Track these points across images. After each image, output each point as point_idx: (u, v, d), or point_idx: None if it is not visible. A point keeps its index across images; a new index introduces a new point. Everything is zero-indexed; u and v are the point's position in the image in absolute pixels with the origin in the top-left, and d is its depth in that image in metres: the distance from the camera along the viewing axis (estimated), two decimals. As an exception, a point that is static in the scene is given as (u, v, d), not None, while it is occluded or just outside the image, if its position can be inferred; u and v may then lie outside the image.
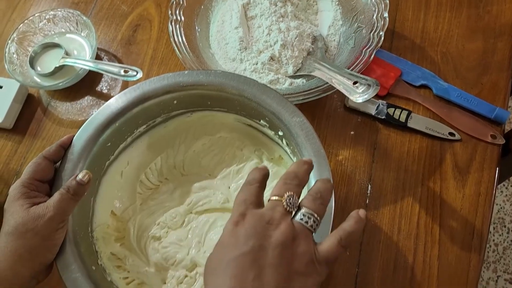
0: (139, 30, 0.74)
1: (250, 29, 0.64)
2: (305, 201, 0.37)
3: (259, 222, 0.35)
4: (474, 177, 0.60)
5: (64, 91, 0.70)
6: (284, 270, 0.33)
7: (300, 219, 0.36)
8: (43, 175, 0.48)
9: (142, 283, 0.54)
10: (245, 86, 0.52)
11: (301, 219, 0.36)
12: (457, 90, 0.64)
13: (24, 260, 0.43)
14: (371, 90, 0.49)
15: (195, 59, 0.60)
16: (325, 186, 0.38)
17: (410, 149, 0.62)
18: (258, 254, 0.33)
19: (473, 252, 0.56)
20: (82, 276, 0.46)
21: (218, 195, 0.57)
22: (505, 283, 1.27)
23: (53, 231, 0.44)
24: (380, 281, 0.56)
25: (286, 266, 0.33)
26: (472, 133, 0.61)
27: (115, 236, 0.56)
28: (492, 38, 0.67)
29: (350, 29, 0.63)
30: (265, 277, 0.32)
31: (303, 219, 0.36)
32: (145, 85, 0.54)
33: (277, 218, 0.35)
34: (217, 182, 0.58)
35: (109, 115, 0.52)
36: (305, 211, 0.36)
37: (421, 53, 0.67)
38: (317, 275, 0.35)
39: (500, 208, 1.36)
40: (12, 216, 0.43)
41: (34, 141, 0.68)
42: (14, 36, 0.69)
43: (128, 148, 0.57)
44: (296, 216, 0.36)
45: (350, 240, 0.36)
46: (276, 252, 0.33)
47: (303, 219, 0.36)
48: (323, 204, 0.37)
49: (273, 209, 0.36)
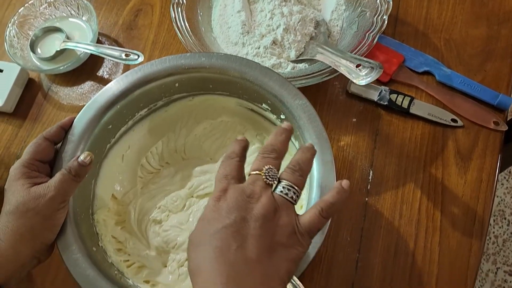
0: (141, 15, 0.73)
1: (253, 13, 0.64)
2: (284, 174, 0.38)
3: (240, 196, 0.35)
4: (476, 163, 0.59)
5: (65, 76, 0.70)
6: (267, 241, 0.34)
7: (280, 192, 0.36)
8: (44, 155, 0.48)
9: (143, 266, 0.54)
10: (247, 68, 0.51)
11: (281, 192, 0.36)
12: (460, 77, 0.63)
13: (25, 240, 0.43)
14: (374, 73, 0.49)
15: (197, 43, 0.59)
16: (304, 156, 0.39)
17: (412, 135, 0.62)
18: (240, 226, 0.34)
19: (474, 238, 0.56)
20: (82, 257, 0.46)
21: (219, 179, 0.57)
22: (505, 275, 1.27)
23: (54, 211, 0.44)
24: (381, 266, 0.55)
25: (269, 237, 0.34)
26: (474, 119, 0.61)
27: (115, 219, 0.56)
28: (496, 24, 0.67)
29: (353, 14, 0.62)
30: (247, 247, 0.33)
31: (283, 191, 0.36)
32: (146, 67, 0.53)
33: (257, 192, 0.36)
34: (218, 166, 0.58)
35: (111, 97, 0.52)
36: (285, 183, 0.37)
37: (424, 39, 0.67)
38: (300, 246, 0.35)
39: (500, 201, 1.36)
40: (13, 196, 0.43)
41: (34, 125, 0.68)
42: (15, 19, 0.69)
43: (129, 131, 0.57)
44: (276, 189, 0.37)
45: (331, 210, 0.36)
46: (258, 223, 0.34)
47: (283, 191, 0.36)
48: (302, 176, 0.38)
49: (253, 183, 0.36)
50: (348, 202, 0.58)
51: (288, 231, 0.35)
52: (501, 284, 1.27)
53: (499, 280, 1.27)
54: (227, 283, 0.32)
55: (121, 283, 0.47)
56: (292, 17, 0.62)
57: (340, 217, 0.58)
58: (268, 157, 0.38)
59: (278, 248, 0.34)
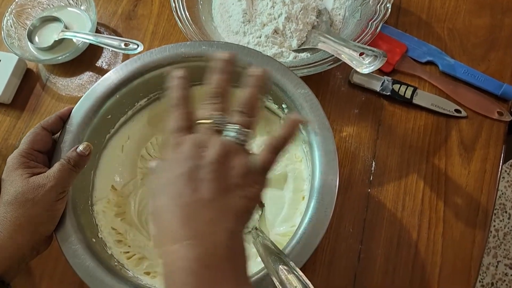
0: (140, 4, 0.72)
1: (254, 2, 0.63)
2: (233, 118, 0.37)
3: (191, 146, 0.35)
4: (479, 154, 0.59)
5: (63, 66, 0.69)
6: (221, 184, 0.34)
7: (230, 136, 0.36)
8: (42, 145, 0.47)
9: (143, 257, 0.53)
10: (249, 57, 0.51)
11: (230, 136, 0.36)
12: (463, 67, 0.63)
13: (24, 230, 0.42)
14: (378, 61, 0.48)
15: (198, 32, 0.58)
16: (251, 94, 0.38)
17: (415, 125, 0.61)
18: (194, 173, 0.34)
19: (477, 229, 0.56)
20: (81, 248, 0.45)
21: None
22: (505, 268, 1.27)
23: (53, 201, 0.43)
24: (383, 257, 0.55)
25: (222, 179, 0.34)
26: (478, 109, 0.60)
27: (115, 210, 0.55)
28: (499, 13, 0.66)
29: (356, 2, 0.61)
30: (202, 190, 0.33)
31: (232, 135, 0.36)
32: (146, 56, 0.52)
33: (207, 140, 0.36)
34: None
35: (110, 86, 0.51)
36: (233, 127, 0.37)
37: (428, 29, 0.66)
38: (256, 184, 0.35)
39: (501, 194, 1.36)
40: (11, 186, 0.43)
41: (32, 117, 0.67)
42: (12, 9, 0.68)
43: (129, 122, 0.56)
44: (225, 133, 0.37)
45: (281, 144, 0.37)
46: (210, 168, 0.34)
47: (232, 135, 0.36)
48: (250, 116, 0.37)
49: (203, 132, 0.36)
50: (350, 193, 0.58)
51: (242, 172, 0.35)
52: (501, 278, 1.26)
53: (500, 274, 1.27)
54: (184, 224, 0.32)
55: (121, 274, 0.47)
56: (294, 5, 0.61)
57: (342, 208, 0.57)
58: (214, 103, 0.38)
59: (233, 188, 0.34)
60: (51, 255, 0.54)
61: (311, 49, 0.60)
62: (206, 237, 0.32)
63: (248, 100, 0.38)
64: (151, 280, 0.50)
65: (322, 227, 0.44)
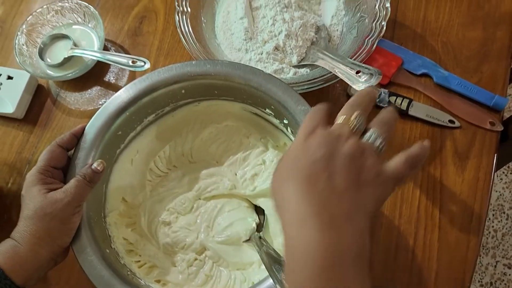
0: (145, 21, 0.75)
1: (255, 20, 0.66)
2: (373, 124, 0.37)
3: (328, 135, 0.36)
4: (473, 162, 0.61)
5: (72, 82, 0.72)
6: (354, 177, 0.34)
7: (368, 138, 0.36)
8: (58, 162, 0.50)
9: (153, 266, 0.56)
10: (251, 75, 0.53)
11: (369, 138, 0.36)
12: (457, 79, 0.65)
13: (43, 243, 0.45)
14: (374, 79, 0.51)
15: (201, 50, 0.61)
16: (390, 115, 0.38)
17: (411, 136, 0.64)
18: (329, 161, 0.34)
19: (471, 234, 0.58)
20: (96, 258, 0.48)
21: (225, 182, 0.59)
22: (504, 268, 1.30)
23: (70, 215, 0.46)
24: (382, 262, 0.58)
25: (356, 173, 0.34)
26: (471, 120, 0.63)
27: (126, 221, 0.58)
28: (491, 27, 0.68)
29: (353, 19, 0.64)
30: (336, 180, 0.33)
31: (371, 138, 0.36)
32: (153, 75, 0.55)
33: (345, 134, 0.36)
34: (224, 169, 0.60)
35: (120, 105, 0.54)
36: (373, 131, 0.37)
37: (422, 42, 0.69)
38: (385, 188, 0.35)
39: (499, 195, 1.38)
40: (31, 201, 0.46)
41: (44, 131, 0.70)
42: (23, 28, 0.71)
43: (138, 136, 0.59)
44: (364, 136, 0.37)
45: (416, 161, 0.36)
46: (346, 160, 0.34)
47: (371, 138, 0.36)
48: (389, 130, 0.37)
49: (341, 127, 0.36)
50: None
51: (374, 171, 0.35)
52: (500, 277, 1.29)
53: (499, 273, 1.29)
54: (318, 212, 0.32)
55: (133, 283, 0.49)
56: (294, 22, 0.64)
57: (342, 217, 0.60)
58: (356, 107, 0.38)
59: (364, 184, 0.34)
60: (66, 265, 0.56)
61: (310, 65, 0.62)
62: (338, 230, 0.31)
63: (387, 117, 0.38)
64: (161, 288, 0.53)
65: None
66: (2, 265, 0.43)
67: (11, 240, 0.46)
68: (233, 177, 0.59)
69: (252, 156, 0.60)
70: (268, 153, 0.59)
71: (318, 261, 0.31)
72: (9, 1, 0.79)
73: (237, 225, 0.57)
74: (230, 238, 0.56)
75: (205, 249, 0.57)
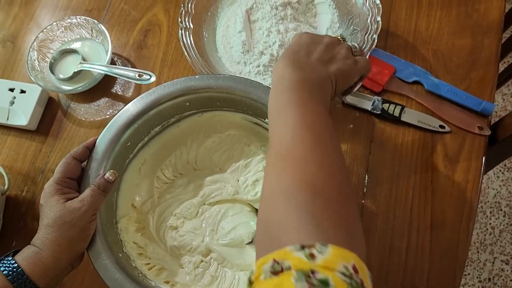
0: (150, 34, 0.79)
1: (252, 32, 0.69)
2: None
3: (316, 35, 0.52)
4: (462, 165, 0.65)
5: (82, 94, 0.76)
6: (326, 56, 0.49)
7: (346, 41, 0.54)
8: (73, 173, 0.54)
9: (162, 268, 0.59)
10: (251, 88, 0.57)
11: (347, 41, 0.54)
12: (447, 85, 0.69)
13: (63, 249, 0.49)
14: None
15: (204, 63, 0.65)
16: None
17: (404, 141, 0.67)
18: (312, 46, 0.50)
19: (462, 234, 0.62)
20: (110, 262, 0.52)
21: (228, 188, 0.63)
22: (502, 264, 1.33)
23: (87, 222, 0.50)
24: (377, 262, 0.61)
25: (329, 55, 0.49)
26: (461, 125, 0.66)
27: (136, 226, 0.61)
28: (480, 35, 0.72)
29: (347, 32, 0.67)
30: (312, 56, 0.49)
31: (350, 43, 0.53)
32: (159, 89, 0.59)
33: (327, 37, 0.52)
34: (227, 176, 0.64)
35: (129, 118, 0.58)
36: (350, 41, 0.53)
37: (414, 51, 0.72)
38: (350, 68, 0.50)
39: (496, 193, 1.42)
40: (50, 210, 0.49)
41: (56, 141, 0.74)
42: (35, 44, 0.74)
43: (145, 147, 0.63)
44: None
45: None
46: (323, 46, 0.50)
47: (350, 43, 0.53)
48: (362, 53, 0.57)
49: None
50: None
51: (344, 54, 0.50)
52: (498, 273, 1.32)
53: (496, 269, 1.33)
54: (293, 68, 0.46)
55: (145, 284, 0.53)
56: (287, 34, 0.67)
57: (339, 219, 0.63)
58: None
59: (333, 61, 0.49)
60: (79, 268, 0.61)
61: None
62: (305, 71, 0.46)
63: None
64: (170, 289, 0.57)
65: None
66: (26, 270, 0.47)
67: (33, 247, 0.49)
68: (236, 183, 0.63)
69: (253, 163, 0.63)
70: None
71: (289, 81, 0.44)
72: (20, 18, 0.83)
73: (240, 228, 0.61)
74: (234, 241, 0.60)
75: (211, 252, 0.61)
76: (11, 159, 0.73)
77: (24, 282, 0.47)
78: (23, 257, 0.48)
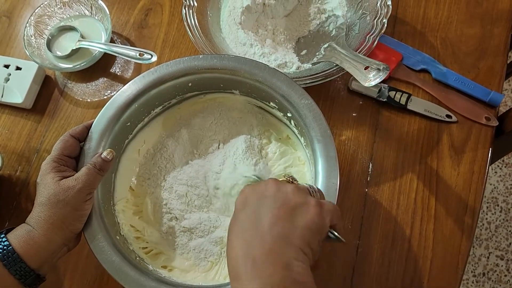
0: (151, 14, 0.77)
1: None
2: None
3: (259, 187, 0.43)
4: (468, 156, 0.64)
5: (79, 73, 0.73)
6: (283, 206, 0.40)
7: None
8: (71, 151, 0.52)
9: (160, 252, 0.58)
10: (257, 70, 0.55)
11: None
12: (454, 74, 0.67)
13: (57, 228, 0.47)
14: (382, 74, 0.52)
15: (207, 43, 0.63)
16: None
17: (409, 130, 0.66)
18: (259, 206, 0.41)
19: (465, 225, 0.61)
20: (107, 245, 0.50)
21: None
22: (496, 259, 1.33)
23: (81, 202, 0.48)
24: (379, 251, 0.60)
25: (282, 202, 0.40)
26: (467, 115, 0.65)
27: (133, 209, 0.60)
28: (489, 24, 0.70)
29: (355, 16, 0.66)
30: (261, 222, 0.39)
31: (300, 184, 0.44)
32: (162, 68, 0.57)
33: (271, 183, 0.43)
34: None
35: (129, 96, 0.56)
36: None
37: (422, 38, 0.71)
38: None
39: (494, 188, 1.41)
40: (45, 188, 0.48)
41: (52, 121, 0.71)
42: (32, 19, 0.72)
43: (145, 127, 0.61)
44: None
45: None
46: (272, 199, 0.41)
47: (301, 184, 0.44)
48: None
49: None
50: (349, 192, 0.63)
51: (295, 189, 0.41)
52: (493, 268, 1.32)
53: (491, 264, 1.33)
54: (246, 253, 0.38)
55: (142, 268, 0.52)
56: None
57: (342, 207, 0.62)
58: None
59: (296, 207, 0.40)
60: (73, 252, 0.59)
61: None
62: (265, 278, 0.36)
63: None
64: (168, 274, 0.55)
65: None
66: (18, 248, 0.45)
67: (26, 225, 0.48)
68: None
69: (269, 149, 0.61)
70: (271, 146, 0.61)
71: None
72: (17, -7, 0.80)
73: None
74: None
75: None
76: (5, 137, 0.71)
77: (14, 261, 0.45)
78: (16, 236, 0.47)
